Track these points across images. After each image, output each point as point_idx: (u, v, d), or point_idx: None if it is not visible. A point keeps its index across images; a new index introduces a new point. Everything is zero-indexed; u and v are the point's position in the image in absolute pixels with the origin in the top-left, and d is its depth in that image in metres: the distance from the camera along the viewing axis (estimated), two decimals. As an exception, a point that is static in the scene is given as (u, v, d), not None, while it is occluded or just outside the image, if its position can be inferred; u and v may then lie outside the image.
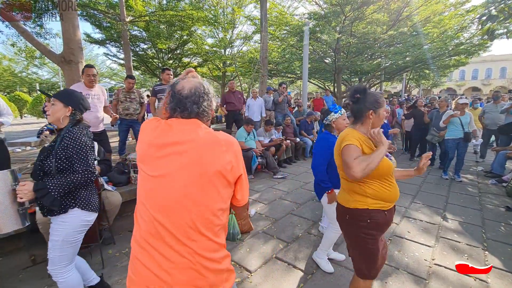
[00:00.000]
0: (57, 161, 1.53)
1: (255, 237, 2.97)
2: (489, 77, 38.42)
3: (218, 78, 16.98)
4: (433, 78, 20.87)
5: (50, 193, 1.46)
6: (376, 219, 1.47)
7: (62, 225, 1.58)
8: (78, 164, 1.55)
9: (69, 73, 4.26)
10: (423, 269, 2.39)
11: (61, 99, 1.64)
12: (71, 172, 1.56)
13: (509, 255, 2.61)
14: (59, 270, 1.62)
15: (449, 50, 10.54)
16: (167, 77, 4.71)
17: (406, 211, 3.65)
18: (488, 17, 4.00)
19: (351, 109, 1.58)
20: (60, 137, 1.57)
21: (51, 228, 1.61)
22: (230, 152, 0.97)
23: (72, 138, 1.56)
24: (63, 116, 1.63)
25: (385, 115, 3.60)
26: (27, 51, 6.40)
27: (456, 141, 4.93)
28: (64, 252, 1.61)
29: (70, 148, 1.54)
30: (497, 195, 4.28)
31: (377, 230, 1.49)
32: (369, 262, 1.51)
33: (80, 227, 1.64)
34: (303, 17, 11.02)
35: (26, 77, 25.51)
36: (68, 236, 1.59)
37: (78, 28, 4.32)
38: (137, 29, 10.99)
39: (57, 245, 1.59)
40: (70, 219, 1.59)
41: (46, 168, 1.53)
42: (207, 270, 0.92)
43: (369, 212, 1.47)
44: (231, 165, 0.96)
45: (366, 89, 1.54)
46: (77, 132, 1.59)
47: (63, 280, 1.63)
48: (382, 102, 1.51)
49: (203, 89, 1.04)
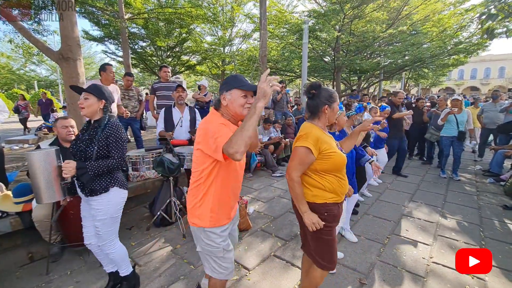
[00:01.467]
0: (99, 148, 1.73)
1: (253, 235, 2.96)
2: (488, 76, 38.53)
3: (217, 76, 16.93)
4: (432, 78, 20.89)
5: (87, 172, 1.68)
6: (332, 212, 1.58)
7: (108, 205, 1.78)
8: (115, 152, 1.77)
9: (67, 70, 4.21)
10: (421, 267, 2.39)
11: (94, 93, 1.77)
12: (107, 158, 1.77)
13: (507, 254, 2.62)
14: (109, 243, 1.85)
15: (448, 49, 10.53)
16: (164, 75, 4.70)
17: (404, 210, 3.66)
18: (488, 16, 3.99)
19: (307, 104, 1.66)
20: (101, 127, 1.75)
21: (94, 210, 1.77)
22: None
23: (114, 129, 1.76)
24: (98, 109, 1.79)
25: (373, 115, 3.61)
26: (25, 48, 6.33)
27: (450, 139, 4.95)
28: (111, 227, 1.84)
29: (111, 137, 1.75)
30: (495, 194, 4.30)
31: (333, 222, 1.59)
32: (328, 253, 1.61)
33: (121, 203, 1.88)
34: (302, 15, 10.97)
35: (24, 75, 25.39)
36: (114, 212, 1.83)
37: (76, 25, 4.28)
38: (136, 26, 10.91)
39: (107, 222, 1.80)
40: (113, 197, 1.80)
41: (89, 154, 1.71)
42: None
43: (326, 206, 1.57)
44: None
45: (320, 85, 1.62)
46: (118, 124, 1.81)
47: (114, 251, 1.87)
48: (336, 97, 1.61)
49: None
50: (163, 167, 2.91)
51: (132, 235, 2.94)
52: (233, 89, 1.37)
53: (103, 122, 1.77)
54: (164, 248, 2.67)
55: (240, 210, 3.00)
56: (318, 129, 1.57)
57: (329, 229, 1.59)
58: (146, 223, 3.16)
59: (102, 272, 2.27)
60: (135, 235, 2.93)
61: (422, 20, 10.75)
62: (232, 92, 1.37)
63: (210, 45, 13.72)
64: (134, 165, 3.42)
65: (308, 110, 1.67)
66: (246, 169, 5.17)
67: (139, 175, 3.44)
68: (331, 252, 1.61)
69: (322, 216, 1.57)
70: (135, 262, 2.44)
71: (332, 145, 1.57)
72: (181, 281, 2.18)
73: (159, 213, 3.03)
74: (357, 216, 3.41)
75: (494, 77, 37.77)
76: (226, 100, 1.39)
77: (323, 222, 1.54)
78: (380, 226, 3.16)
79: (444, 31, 10.52)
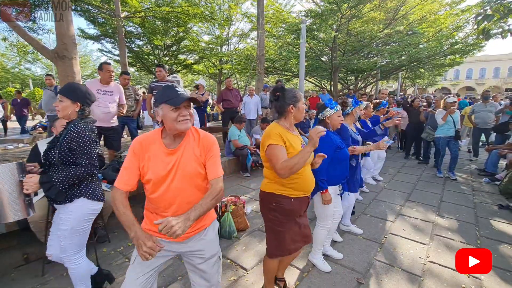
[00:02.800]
0: (60, 153, 1.59)
1: (251, 235, 2.96)
2: (483, 76, 38.87)
3: (215, 76, 16.90)
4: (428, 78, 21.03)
5: (54, 185, 1.54)
6: (281, 203, 1.65)
7: (70, 215, 1.64)
8: (81, 158, 1.62)
9: (63, 69, 4.18)
10: (417, 267, 2.41)
11: (68, 95, 1.67)
12: (74, 165, 1.62)
13: (502, 253, 2.65)
14: (71, 257, 1.70)
15: (444, 49, 10.60)
16: (157, 74, 4.72)
17: (401, 209, 3.68)
18: (483, 17, 4.01)
19: (274, 106, 1.74)
20: (66, 130, 1.63)
21: (59, 218, 1.67)
22: None
23: (76, 133, 1.61)
24: (73, 111, 1.70)
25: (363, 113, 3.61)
26: (19, 46, 6.26)
27: (447, 139, 4.99)
28: (73, 240, 1.68)
29: (74, 141, 1.60)
30: (490, 193, 4.34)
31: (282, 214, 1.66)
32: (274, 241, 1.71)
33: (87, 216, 1.72)
34: (300, 14, 11.00)
35: (19, 73, 25.06)
36: (76, 225, 1.67)
37: (72, 23, 4.24)
38: (133, 25, 10.85)
39: (66, 234, 1.65)
40: (76, 208, 1.66)
41: (50, 158, 1.61)
42: None
43: (275, 197, 1.66)
44: None
45: (284, 87, 1.72)
46: (81, 126, 1.64)
47: (74, 267, 1.72)
48: (300, 96, 1.68)
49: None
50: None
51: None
52: (162, 104, 1.26)
53: (69, 125, 1.66)
54: (161, 249, 2.65)
55: (238, 210, 3.00)
56: (280, 127, 1.66)
57: (278, 221, 1.67)
58: (143, 223, 3.14)
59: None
60: (132, 236, 2.91)
61: (419, 20, 10.81)
62: (163, 107, 1.26)
63: (207, 44, 13.68)
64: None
65: (275, 111, 1.75)
66: (243, 169, 5.16)
67: (136, 175, 3.41)
68: (276, 240, 1.70)
69: (270, 206, 1.68)
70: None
71: (296, 143, 1.67)
72: (179, 282, 2.17)
73: (156, 213, 3.01)
74: (354, 216, 3.42)
75: (489, 77, 38.13)
76: (160, 116, 1.27)
77: (273, 211, 1.66)
78: (377, 226, 3.18)
79: (440, 32, 10.59)
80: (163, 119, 1.27)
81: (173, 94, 1.25)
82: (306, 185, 1.69)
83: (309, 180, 1.71)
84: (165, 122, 1.27)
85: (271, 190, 1.68)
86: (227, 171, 5.21)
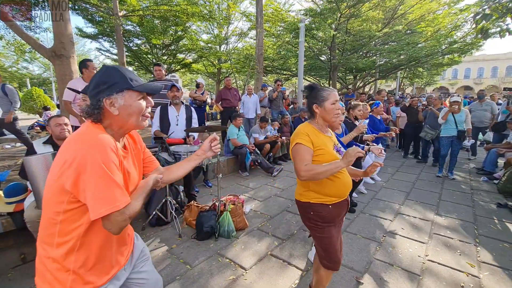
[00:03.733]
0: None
1: (250, 234, 2.95)
2: (481, 76, 39.06)
3: (213, 75, 16.86)
4: (427, 77, 21.09)
5: None
6: (319, 212, 1.58)
7: None
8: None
9: (60, 68, 4.15)
10: (416, 265, 2.41)
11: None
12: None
13: (501, 251, 2.66)
14: None
15: (443, 48, 10.64)
16: (155, 73, 4.68)
17: (400, 208, 3.68)
18: (482, 16, 4.02)
19: (305, 104, 1.72)
20: None
21: None
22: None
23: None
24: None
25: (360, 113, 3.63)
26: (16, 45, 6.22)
27: (449, 139, 4.99)
28: None
29: None
30: (488, 192, 4.35)
31: (324, 222, 1.59)
32: (325, 252, 1.61)
33: None
34: (299, 13, 10.98)
35: (16, 72, 24.90)
36: None
37: (69, 22, 4.21)
38: (131, 23, 10.79)
39: None
40: None
41: None
42: None
43: (312, 206, 1.59)
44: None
45: (311, 86, 1.68)
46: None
47: None
48: (327, 96, 1.58)
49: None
50: (158, 166, 2.88)
51: (127, 235, 2.91)
52: (125, 90, 0.99)
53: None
54: (159, 248, 2.65)
55: (236, 209, 2.99)
56: (311, 127, 1.60)
57: (320, 228, 1.59)
58: (141, 222, 3.12)
59: (96, 273, 2.24)
60: (130, 235, 2.90)
61: (417, 19, 10.83)
62: (125, 95, 0.99)
63: (206, 43, 13.63)
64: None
65: (307, 110, 1.71)
66: (242, 168, 5.15)
67: (134, 174, 3.40)
68: (325, 249, 1.61)
69: (309, 215, 1.61)
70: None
71: (325, 144, 1.56)
72: (177, 281, 2.16)
73: (154, 212, 3.00)
74: (354, 214, 3.42)
75: (487, 76, 38.30)
76: (116, 106, 0.97)
77: (312, 219, 1.60)
78: (376, 225, 3.18)
79: (438, 31, 10.62)
80: (122, 112, 0.99)
81: (137, 76, 1.04)
82: (343, 190, 1.61)
83: (347, 184, 1.63)
84: (127, 116, 1.00)
85: (306, 199, 1.61)
86: (226, 170, 5.20)
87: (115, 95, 0.97)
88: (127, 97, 0.99)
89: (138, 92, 1.01)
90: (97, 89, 0.97)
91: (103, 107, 0.97)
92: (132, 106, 1.00)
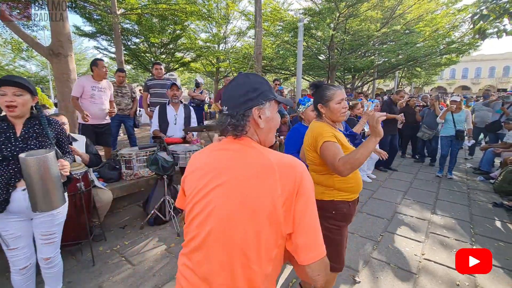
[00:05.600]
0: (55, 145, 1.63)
1: (248, 233, 2.96)
2: (479, 76, 39.23)
3: (212, 74, 16.82)
4: (425, 77, 21.16)
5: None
6: (341, 210, 1.55)
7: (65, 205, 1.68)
8: (67, 147, 1.74)
9: (58, 66, 4.13)
10: (413, 264, 2.43)
11: (28, 90, 1.53)
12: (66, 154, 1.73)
13: (496, 250, 2.69)
14: (58, 252, 1.72)
15: (441, 48, 10.68)
16: (156, 72, 4.71)
17: (397, 207, 3.70)
18: (480, 16, 4.05)
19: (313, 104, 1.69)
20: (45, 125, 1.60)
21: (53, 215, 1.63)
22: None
23: (59, 125, 1.69)
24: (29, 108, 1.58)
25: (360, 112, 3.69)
26: (13, 43, 6.17)
27: (449, 139, 5.01)
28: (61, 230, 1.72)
29: (61, 134, 1.69)
30: (485, 192, 4.39)
31: (342, 220, 1.57)
32: (334, 252, 1.56)
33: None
34: (297, 13, 10.96)
35: (13, 70, 24.69)
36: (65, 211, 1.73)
37: (67, 20, 4.19)
38: (129, 22, 10.73)
39: (61, 227, 1.69)
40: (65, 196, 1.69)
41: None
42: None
43: (335, 204, 1.55)
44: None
45: (316, 84, 1.64)
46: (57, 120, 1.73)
47: (59, 261, 1.75)
48: (332, 95, 1.55)
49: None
50: (157, 166, 2.88)
51: (126, 234, 2.91)
52: (273, 100, 0.88)
53: (43, 119, 1.58)
54: (158, 247, 2.65)
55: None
56: (326, 125, 1.58)
57: (337, 229, 1.56)
58: (139, 222, 3.13)
59: (95, 272, 2.24)
60: (129, 234, 2.90)
61: (416, 19, 10.86)
62: (272, 106, 0.88)
63: (204, 42, 13.60)
64: (127, 163, 3.38)
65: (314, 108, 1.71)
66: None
67: (132, 173, 3.41)
68: (337, 251, 1.59)
69: (329, 214, 1.56)
70: (129, 261, 2.41)
71: (344, 139, 1.58)
72: (175, 281, 2.17)
73: (152, 211, 3.01)
74: (351, 214, 3.44)
75: (484, 76, 38.48)
76: (262, 118, 0.84)
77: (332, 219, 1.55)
78: (374, 224, 3.20)
79: (437, 31, 10.65)
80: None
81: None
82: (359, 185, 1.59)
83: (360, 179, 1.62)
84: (268, 128, 0.88)
85: (330, 197, 1.55)
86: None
87: (266, 104, 0.85)
88: (272, 109, 0.87)
89: (278, 104, 0.91)
90: (246, 96, 0.83)
91: (250, 118, 0.84)
92: (274, 119, 0.88)
